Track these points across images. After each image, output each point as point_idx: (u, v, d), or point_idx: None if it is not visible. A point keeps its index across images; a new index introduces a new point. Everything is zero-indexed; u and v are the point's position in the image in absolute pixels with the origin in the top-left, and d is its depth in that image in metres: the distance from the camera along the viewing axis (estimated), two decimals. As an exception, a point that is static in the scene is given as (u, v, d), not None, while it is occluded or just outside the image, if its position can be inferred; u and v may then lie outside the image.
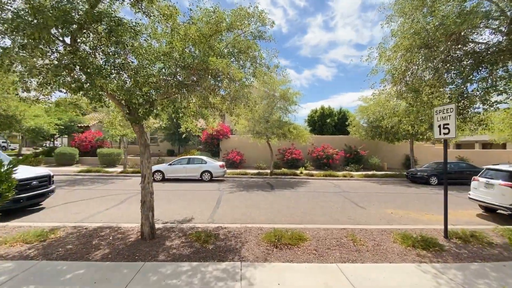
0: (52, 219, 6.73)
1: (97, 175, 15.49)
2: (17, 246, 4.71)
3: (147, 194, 5.09)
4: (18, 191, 6.79)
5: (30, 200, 7.14)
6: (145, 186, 5.11)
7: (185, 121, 7.90)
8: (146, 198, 5.08)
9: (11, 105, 15.86)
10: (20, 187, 6.82)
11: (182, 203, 8.70)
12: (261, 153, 20.82)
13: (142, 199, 5.10)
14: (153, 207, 5.23)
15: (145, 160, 5.19)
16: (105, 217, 6.95)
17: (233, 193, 10.61)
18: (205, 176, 13.88)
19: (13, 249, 4.57)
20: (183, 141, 22.37)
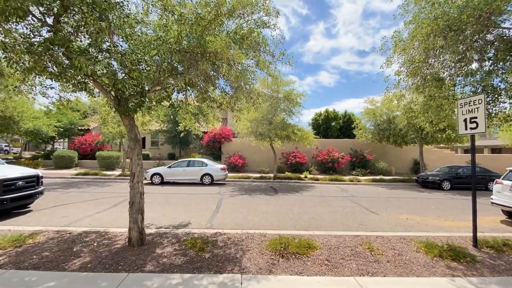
0: (37, 222, 6.17)
1: (95, 178, 14.98)
2: (-13, 252, 4.14)
3: (136, 194, 4.52)
4: (1, 192, 6.27)
5: (15, 202, 6.59)
6: (134, 186, 4.54)
7: (183, 118, 7.39)
8: (135, 199, 4.51)
9: (9, 106, 15.54)
10: (3, 188, 6.31)
11: (179, 207, 8.10)
12: (264, 156, 20.21)
13: (130, 200, 4.53)
14: (143, 210, 4.66)
15: (135, 156, 4.64)
16: (94, 221, 6.38)
17: (235, 197, 9.99)
18: (205, 179, 13.29)
19: (-19, 256, 4.00)
20: (184, 144, 21.88)
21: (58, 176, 15.19)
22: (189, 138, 21.82)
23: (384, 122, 17.27)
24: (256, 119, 14.43)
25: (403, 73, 6.15)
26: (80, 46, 3.70)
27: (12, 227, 5.50)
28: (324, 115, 26.18)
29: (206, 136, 21.57)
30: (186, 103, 6.73)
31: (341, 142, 21.96)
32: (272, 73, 6.09)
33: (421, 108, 5.96)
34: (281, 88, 14.64)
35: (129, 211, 4.50)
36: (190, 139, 21.95)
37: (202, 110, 6.91)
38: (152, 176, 13.25)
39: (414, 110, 6.36)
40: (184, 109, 7.04)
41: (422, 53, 5.02)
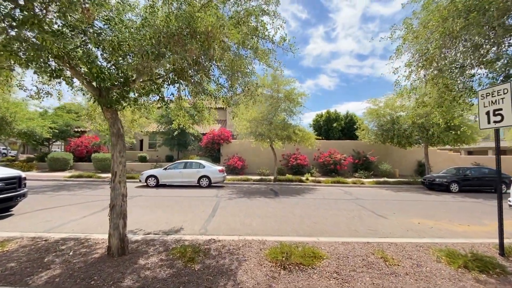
0: (14, 227, 5.63)
1: (88, 180, 14.43)
2: None
3: (117, 196, 3.99)
4: (-24, 195, 5.75)
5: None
6: (116, 186, 4.01)
7: (177, 115, 6.88)
8: (116, 201, 3.97)
9: (1, 107, 15.07)
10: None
11: (173, 211, 7.54)
12: (264, 158, 19.67)
13: (111, 202, 4.00)
14: (126, 214, 4.12)
15: (117, 153, 4.11)
16: (78, 226, 5.83)
17: (232, 200, 9.43)
18: (203, 182, 12.74)
19: None
20: (182, 146, 21.36)
21: (51, 178, 14.65)
22: (187, 139, 21.31)
23: (387, 123, 16.74)
24: (256, 119, 13.93)
25: (414, 64, 5.64)
26: (50, 23, 3.19)
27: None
28: (325, 116, 25.67)
29: (204, 137, 21.07)
30: (179, 98, 6.23)
31: (343, 143, 21.42)
32: (271, 65, 5.58)
33: (434, 101, 5.45)
34: (281, 88, 14.16)
35: (109, 216, 3.96)
36: (188, 140, 21.43)
37: (196, 106, 6.40)
38: (147, 179, 12.70)
39: (427, 103, 5.81)
40: (177, 105, 6.55)
41: (438, 39, 4.52)
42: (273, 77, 13.81)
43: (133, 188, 11.98)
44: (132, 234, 5.30)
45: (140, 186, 12.65)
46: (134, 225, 6.00)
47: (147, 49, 3.50)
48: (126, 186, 4.12)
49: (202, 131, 23.70)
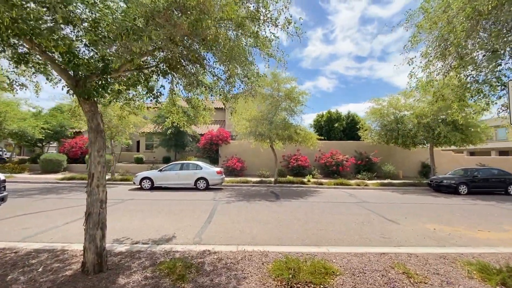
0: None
1: (80, 183, 13.80)
2: None
3: (95, 202, 3.39)
4: None
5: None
6: (93, 191, 3.42)
7: (170, 111, 6.33)
8: (93, 208, 3.38)
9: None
10: None
11: (166, 216, 6.95)
12: (264, 159, 19.09)
13: (87, 210, 3.41)
14: (105, 223, 3.53)
15: (95, 152, 3.53)
16: (57, 234, 5.23)
17: (231, 204, 8.84)
18: (200, 184, 12.14)
19: None
20: (179, 147, 20.76)
21: (41, 181, 14.03)
22: (184, 140, 20.71)
23: (391, 122, 16.20)
24: (255, 118, 13.36)
25: (432, 53, 5.09)
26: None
27: None
28: (326, 116, 25.13)
29: (202, 138, 20.50)
30: (172, 92, 5.67)
31: (345, 144, 20.86)
32: (273, 54, 5.03)
33: (455, 94, 4.90)
34: (282, 86, 13.60)
35: (85, 225, 3.37)
36: (186, 141, 20.83)
37: (191, 101, 5.83)
38: (141, 181, 12.09)
39: (446, 97, 5.25)
40: (171, 100, 5.99)
41: (463, 21, 3.98)
42: (273, 75, 13.27)
43: (126, 191, 11.37)
44: (118, 243, 4.71)
45: (134, 189, 12.04)
46: (121, 233, 5.40)
47: (127, 26, 2.93)
48: (105, 190, 3.53)
49: (200, 132, 23.13)
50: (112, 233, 5.36)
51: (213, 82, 5.09)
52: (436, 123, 14.51)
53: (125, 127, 14.93)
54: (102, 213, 3.46)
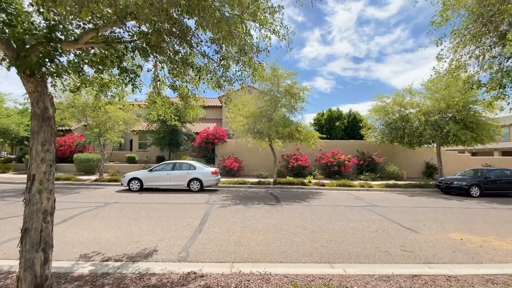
0: None
1: (64, 183, 12.81)
2: None
3: (34, 214, 2.48)
4: None
5: None
6: (33, 198, 2.50)
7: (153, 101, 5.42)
8: (32, 222, 2.47)
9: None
10: None
11: (151, 223, 6.03)
12: (262, 159, 18.21)
13: (23, 225, 2.49)
14: (50, 242, 2.61)
15: (38, 145, 2.61)
16: (13, 246, 4.30)
17: (226, 208, 7.94)
18: (193, 185, 11.22)
19: None
20: (174, 146, 19.78)
21: (23, 181, 13.01)
22: (179, 139, 19.75)
23: (396, 120, 15.41)
24: (254, 114, 12.47)
25: (465, 32, 4.25)
26: None
27: None
28: (327, 114, 24.32)
29: (198, 136, 19.58)
30: (156, 80, 4.79)
31: (347, 143, 20.04)
32: (277, 31, 4.16)
33: (495, 80, 4.06)
34: (281, 82, 12.72)
35: (20, 247, 2.46)
36: (180, 140, 19.87)
37: (178, 89, 4.94)
38: (129, 182, 11.14)
39: (482, 84, 4.40)
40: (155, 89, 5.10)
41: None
42: (273, 69, 12.39)
43: (112, 193, 10.42)
44: (84, 261, 3.80)
45: (122, 191, 11.09)
46: (93, 245, 4.49)
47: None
48: (52, 198, 2.62)
49: (195, 130, 22.21)
50: (81, 245, 4.46)
51: (204, 66, 4.23)
52: (444, 121, 13.73)
53: (114, 124, 13.96)
54: (45, 229, 2.54)
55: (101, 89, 4.47)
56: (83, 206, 7.66)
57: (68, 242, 4.65)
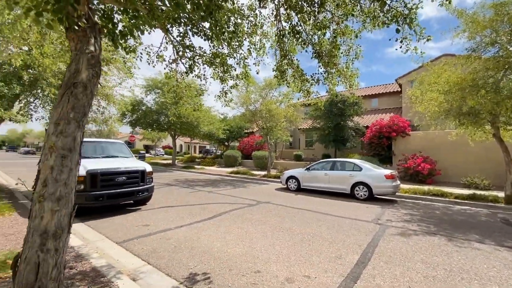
0: (107, 229, 4.92)
1: (241, 177, 14.53)
2: None
3: (29, 236, 1.51)
4: (99, 187, 5.67)
5: (112, 199, 5.89)
6: (33, 209, 1.53)
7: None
8: (26, 249, 1.48)
9: (191, 114, 18.71)
10: (100, 182, 5.69)
11: (288, 242, 4.44)
12: (476, 159, 11.78)
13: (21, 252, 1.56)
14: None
15: (51, 126, 1.67)
16: (168, 236, 4.21)
17: (409, 238, 4.81)
18: (358, 191, 8.57)
19: None
20: (339, 142, 17.65)
21: (216, 173, 16.29)
22: (345, 135, 17.34)
23: None
24: (460, 84, 7.61)
25: None
26: None
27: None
28: None
29: (368, 131, 16.17)
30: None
31: None
32: None
33: None
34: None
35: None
36: (346, 136, 17.39)
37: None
38: (287, 180, 10.44)
39: None
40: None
41: None
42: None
43: (271, 191, 10.12)
44: (186, 286, 2.78)
45: (280, 189, 10.60)
46: (211, 261, 3.52)
47: None
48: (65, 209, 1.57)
49: (364, 123, 18.79)
50: (201, 258, 3.70)
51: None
52: None
53: (277, 122, 14.16)
54: (44, 263, 1.50)
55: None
56: (237, 203, 7.54)
57: (194, 249, 4.02)
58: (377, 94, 23.63)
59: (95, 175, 5.65)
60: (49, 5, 1.71)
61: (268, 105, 13.97)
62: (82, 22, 1.96)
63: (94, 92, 1.98)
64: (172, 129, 20.47)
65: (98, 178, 5.67)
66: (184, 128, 19.72)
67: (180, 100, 15.60)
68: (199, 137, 22.43)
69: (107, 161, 6.51)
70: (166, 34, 3.37)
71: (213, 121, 21.51)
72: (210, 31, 2.85)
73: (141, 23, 2.57)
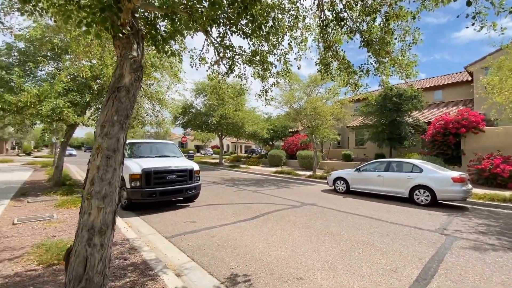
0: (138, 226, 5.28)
1: (285, 177, 14.31)
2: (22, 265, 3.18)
3: (79, 231, 1.64)
4: (152, 184, 6.16)
5: (165, 196, 6.34)
6: (82, 207, 1.65)
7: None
8: (76, 243, 1.60)
9: (239, 115, 19.20)
10: (153, 180, 6.17)
11: (334, 249, 4.13)
12: None
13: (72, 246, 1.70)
14: (98, 280, 1.63)
15: (98, 128, 1.90)
16: (212, 233, 4.36)
17: (484, 254, 4.00)
18: (419, 196, 7.59)
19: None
20: (394, 141, 16.01)
21: (260, 172, 16.37)
22: (402, 132, 15.64)
23: None
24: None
25: None
26: None
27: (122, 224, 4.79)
28: None
29: (430, 127, 14.30)
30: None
31: None
32: None
33: None
34: None
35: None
36: (404, 133, 15.66)
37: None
38: (334, 181, 9.85)
39: None
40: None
41: None
42: None
43: (317, 192, 9.69)
44: (226, 286, 2.79)
45: (326, 190, 10.07)
46: (252, 263, 3.49)
47: None
48: (110, 207, 1.67)
49: (426, 119, 16.73)
50: (243, 259, 3.73)
51: None
52: None
53: (323, 120, 13.53)
54: (91, 257, 1.60)
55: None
56: (281, 203, 7.39)
57: (237, 248, 4.03)
58: (441, 85, 20.80)
59: (149, 173, 6.14)
60: (96, 16, 1.84)
61: (313, 102, 13.47)
62: (126, 30, 2.08)
63: (137, 95, 2.10)
64: (219, 129, 21.38)
65: (151, 176, 6.16)
66: (230, 128, 20.39)
67: (222, 101, 16.14)
68: (244, 137, 22.93)
69: (160, 160, 7.03)
70: (206, 36, 3.43)
71: (257, 121, 21.74)
72: (246, 26, 2.79)
73: (183, 28, 2.64)
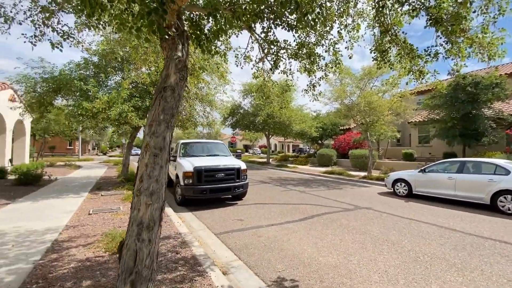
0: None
1: (336, 177, 13.51)
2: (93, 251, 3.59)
3: (129, 226, 1.74)
4: (203, 181, 6.45)
5: (214, 193, 6.57)
6: (133, 202, 1.73)
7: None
8: (127, 237, 1.69)
9: (286, 113, 18.95)
10: (204, 177, 6.45)
11: (392, 262, 3.65)
12: None
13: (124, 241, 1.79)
14: (146, 274, 1.69)
15: (146, 127, 2.63)
16: (259, 234, 4.35)
17: None
18: (504, 203, 6.25)
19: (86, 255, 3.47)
20: (469, 137, 13.63)
21: (308, 172, 15.82)
22: (479, 127, 13.22)
23: None
24: None
25: None
26: None
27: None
28: None
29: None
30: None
31: None
32: None
33: None
34: None
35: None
36: (482, 127, 13.19)
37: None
38: (393, 183, 8.86)
39: None
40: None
41: None
42: None
43: (372, 194, 8.86)
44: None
45: (385, 193, 9.12)
46: (300, 267, 3.33)
47: None
48: (157, 203, 1.73)
49: (510, 111, 13.88)
50: (290, 262, 3.60)
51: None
52: None
53: (379, 116, 12.35)
54: (140, 251, 1.67)
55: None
56: (331, 206, 6.95)
57: (284, 250, 3.89)
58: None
59: (200, 171, 6.45)
60: (144, 20, 1.92)
61: (368, 96, 12.40)
62: (171, 31, 2.13)
63: (182, 95, 2.14)
64: (266, 129, 21.45)
65: (202, 174, 6.45)
66: (277, 127, 20.27)
67: (268, 99, 16.07)
68: (291, 136, 22.54)
69: (209, 159, 7.34)
70: (250, 32, 3.37)
71: (305, 119, 21.12)
72: (290, 15, 2.61)
73: (227, 27, 2.62)
